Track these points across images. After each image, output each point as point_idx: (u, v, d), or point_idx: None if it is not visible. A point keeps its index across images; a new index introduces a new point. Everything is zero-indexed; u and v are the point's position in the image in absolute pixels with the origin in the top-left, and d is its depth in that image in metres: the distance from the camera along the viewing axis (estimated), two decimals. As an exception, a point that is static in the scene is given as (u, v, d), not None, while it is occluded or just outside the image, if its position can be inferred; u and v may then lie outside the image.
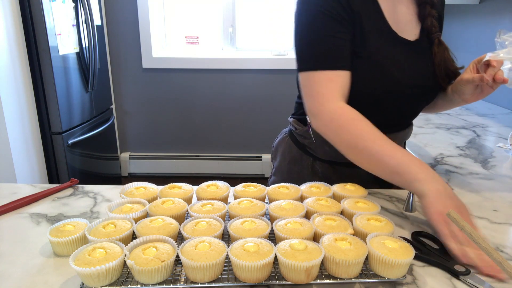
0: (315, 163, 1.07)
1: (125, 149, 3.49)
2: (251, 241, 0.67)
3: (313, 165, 1.08)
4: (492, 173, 1.17)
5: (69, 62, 2.42)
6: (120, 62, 3.23)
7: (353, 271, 0.65)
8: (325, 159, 1.05)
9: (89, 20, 2.51)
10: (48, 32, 2.19)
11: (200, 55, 3.25)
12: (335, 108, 0.86)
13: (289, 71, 3.17)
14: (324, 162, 1.06)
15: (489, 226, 0.86)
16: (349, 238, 0.69)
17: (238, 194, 0.88)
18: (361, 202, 0.83)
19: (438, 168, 1.20)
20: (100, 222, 0.74)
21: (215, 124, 3.38)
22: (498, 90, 0.96)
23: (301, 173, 1.10)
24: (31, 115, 2.26)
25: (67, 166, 2.41)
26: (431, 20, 0.95)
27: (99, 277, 0.61)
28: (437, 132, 1.60)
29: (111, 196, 0.97)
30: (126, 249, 0.65)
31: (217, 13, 3.28)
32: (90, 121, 2.69)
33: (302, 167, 1.09)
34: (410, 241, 0.72)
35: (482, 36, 2.24)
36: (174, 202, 0.81)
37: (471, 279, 0.66)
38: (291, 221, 0.74)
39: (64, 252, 0.72)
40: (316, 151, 1.06)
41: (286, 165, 1.13)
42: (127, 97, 3.33)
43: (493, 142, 1.47)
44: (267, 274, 0.65)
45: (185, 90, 3.29)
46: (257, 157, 3.42)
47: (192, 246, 0.66)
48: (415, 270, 0.70)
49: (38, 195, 0.94)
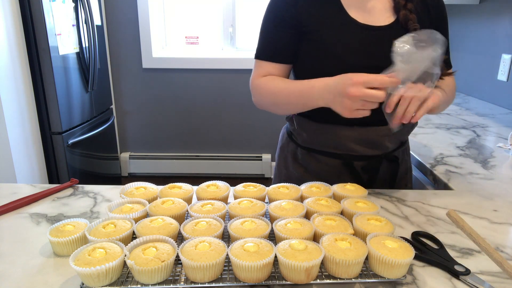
0: (297, 150, 1.12)
1: (125, 149, 3.49)
2: (251, 241, 0.67)
3: (295, 152, 1.13)
4: (492, 173, 1.17)
5: (69, 62, 2.41)
6: (120, 62, 3.23)
7: (353, 271, 0.65)
8: (303, 146, 1.10)
9: (89, 20, 2.51)
10: (48, 32, 2.19)
11: (200, 55, 3.25)
12: (257, 83, 1.04)
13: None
14: (303, 149, 1.10)
15: (489, 226, 0.86)
16: (349, 238, 0.69)
17: (238, 194, 0.88)
18: (361, 202, 0.83)
19: (438, 168, 1.20)
20: (100, 222, 0.74)
21: (215, 124, 3.38)
22: (498, 90, 0.96)
23: (286, 159, 1.16)
24: (31, 115, 2.26)
25: (67, 166, 2.41)
26: (404, 13, 0.96)
27: (99, 277, 0.61)
28: (437, 132, 1.60)
29: (111, 196, 0.97)
30: (126, 249, 0.65)
31: (217, 13, 3.28)
32: (90, 121, 2.69)
33: (287, 154, 1.16)
34: (410, 241, 0.72)
35: (482, 36, 2.24)
36: (174, 202, 0.81)
37: (471, 279, 0.66)
38: (291, 221, 0.74)
39: (64, 252, 0.72)
40: (298, 138, 1.11)
41: (278, 152, 1.21)
42: (127, 97, 3.33)
43: (493, 142, 1.47)
44: (267, 274, 0.65)
45: (185, 90, 3.29)
46: (257, 157, 3.42)
47: (192, 246, 0.66)
48: (415, 270, 0.70)
49: (38, 195, 0.94)
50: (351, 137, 1.02)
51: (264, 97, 1.04)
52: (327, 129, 1.03)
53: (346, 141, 1.02)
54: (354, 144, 1.02)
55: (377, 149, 1.04)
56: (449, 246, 0.77)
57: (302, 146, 1.11)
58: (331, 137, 1.03)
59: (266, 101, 1.05)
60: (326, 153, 1.06)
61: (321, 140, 1.05)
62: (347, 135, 1.02)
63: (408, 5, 0.97)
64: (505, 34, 2.03)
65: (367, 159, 1.05)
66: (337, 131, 1.02)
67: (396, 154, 1.08)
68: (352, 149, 1.03)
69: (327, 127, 1.03)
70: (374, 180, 1.07)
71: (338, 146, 1.04)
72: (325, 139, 1.04)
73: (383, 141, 1.04)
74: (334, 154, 1.05)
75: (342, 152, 1.04)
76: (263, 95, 1.04)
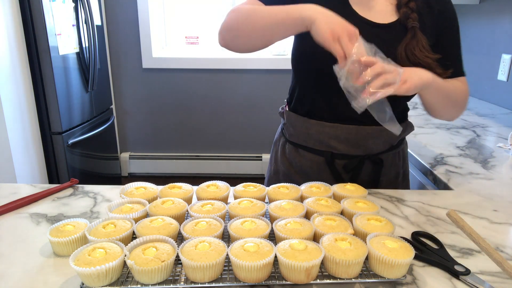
0: (286, 144, 1.13)
1: (125, 149, 3.49)
2: (251, 241, 0.67)
3: (284, 146, 1.13)
4: (492, 173, 1.17)
5: (69, 62, 2.41)
6: (120, 62, 3.23)
7: (353, 271, 0.65)
8: (291, 141, 1.11)
9: (89, 20, 2.51)
10: (48, 32, 2.19)
11: (200, 55, 3.24)
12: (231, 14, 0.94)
13: (289, 71, 3.15)
14: (290, 144, 1.11)
15: (489, 226, 0.86)
16: (349, 238, 0.69)
17: (238, 194, 0.88)
18: (361, 202, 0.83)
19: (438, 168, 1.20)
20: (100, 222, 0.74)
21: (215, 124, 3.38)
22: (498, 90, 0.96)
23: (276, 153, 1.17)
24: (31, 115, 2.26)
25: (67, 166, 2.41)
26: (405, 11, 0.96)
27: (99, 277, 0.61)
28: (437, 132, 1.60)
29: (111, 196, 0.97)
30: (126, 249, 0.65)
31: (217, 13, 3.28)
32: (90, 121, 2.69)
33: (278, 148, 1.16)
34: (410, 241, 0.72)
35: (482, 36, 2.24)
36: (174, 202, 0.81)
37: (471, 279, 0.66)
38: (291, 221, 0.74)
39: (64, 252, 0.72)
40: (286, 132, 1.12)
41: (272, 147, 1.22)
42: (127, 97, 3.33)
43: (493, 142, 1.47)
44: (267, 274, 0.65)
45: (185, 90, 3.29)
46: (257, 157, 3.42)
47: (192, 246, 0.66)
48: (415, 270, 0.70)
49: (38, 195, 0.94)
50: (332, 134, 1.02)
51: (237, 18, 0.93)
52: (312, 124, 1.04)
53: (328, 138, 1.03)
54: (336, 142, 1.02)
55: (359, 148, 1.03)
56: (449, 246, 0.77)
57: (289, 141, 1.12)
58: (314, 133, 1.04)
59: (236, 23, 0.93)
60: (309, 148, 1.07)
61: (306, 135, 1.06)
62: (329, 132, 1.02)
63: (410, 4, 0.97)
64: (505, 34, 2.03)
65: (349, 158, 1.04)
66: (320, 128, 1.03)
67: (382, 157, 1.06)
68: (334, 147, 1.03)
69: (312, 122, 1.04)
70: (355, 180, 1.05)
71: (321, 143, 1.04)
72: (308, 134, 1.05)
73: (366, 141, 1.03)
74: (317, 151, 1.06)
75: (324, 149, 1.05)
76: (237, 16, 0.93)
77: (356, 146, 1.03)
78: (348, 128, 1.01)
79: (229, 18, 0.95)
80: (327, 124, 1.02)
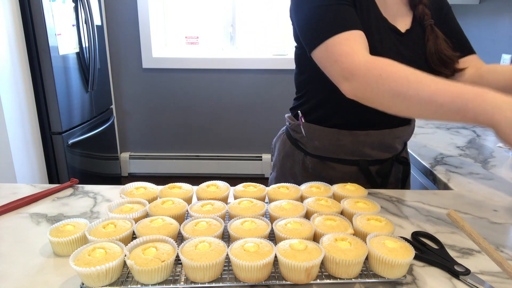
0: (305, 158, 1.08)
1: (125, 149, 3.49)
2: (251, 241, 0.67)
3: (304, 160, 1.09)
4: (492, 173, 1.17)
5: (69, 62, 2.42)
6: (120, 62, 3.23)
7: (353, 271, 0.65)
8: (314, 154, 1.06)
9: (89, 20, 2.51)
10: (48, 32, 2.19)
11: (200, 55, 3.25)
12: (367, 59, 0.78)
13: (289, 71, 3.17)
14: (313, 157, 1.07)
15: (489, 226, 0.86)
16: (349, 238, 0.69)
17: (238, 194, 0.88)
18: (361, 202, 0.83)
19: (438, 168, 1.20)
20: (100, 222, 0.74)
21: (215, 124, 3.38)
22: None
23: (293, 168, 1.11)
24: (31, 115, 2.26)
25: (67, 166, 2.41)
26: (422, 7, 0.96)
27: (99, 277, 0.61)
28: (437, 132, 1.60)
29: (111, 196, 0.97)
30: (126, 249, 0.65)
31: (217, 13, 3.28)
32: (90, 121, 2.69)
33: (294, 162, 1.11)
34: (410, 241, 0.72)
35: (482, 36, 2.24)
36: (174, 202, 0.81)
37: (471, 279, 0.66)
38: (291, 221, 0.74)
39: (64, 252, 0.72)
40: (307, 145, 1.07)
41: (280, 160, 1.15)
42: (127, 97, 3.33)
43: (493, 142, 1.47)
44: (267, 274, 0.65)
45: (185, 90, 3.29)
46: (257, 157, 3.42)
47: (192, 246, 0.66)
48: (415, 270, 0.70)
49: (38, 195, 0.94)
50: (367, 142, 1.00)
51: (383, 83, 0.76)
52: (343, 135, 1.00)
53: (362, 147, 1.01)
54: (370, 149, 1.01)
55: (389, 152, 1.04)
56: (449, 246, 0.77)
57: (312, 155, 1.06)
58: (348, 144, 1.01)
59: (384, 87, 0.76)
60: (341, 160, 1.03)
61: (336, 147, 1.02)
62: (363, 141, 1.00)
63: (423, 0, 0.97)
64: (505, 34, 2.03)
65: (381, 162, 1.05)
66: (353, 137, 1.00)
67: (404, 155, 1.09)
68: (368, 154, 1.02)
69: (344, 133, 1.00)
70: (386, 183, 1.07)
71: (355, 152, 1.02)
72: (340, 146, 1.02)
73: (395, 143, 1.03)
74: (351, 161, 1.03)
75: (358, 158, 1.03)
76: (382, 77, 0.75)
77: (387, 150, 1.03)
78: (382, 133, 1.00)
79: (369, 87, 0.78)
80: (360, 133, 1.00)
